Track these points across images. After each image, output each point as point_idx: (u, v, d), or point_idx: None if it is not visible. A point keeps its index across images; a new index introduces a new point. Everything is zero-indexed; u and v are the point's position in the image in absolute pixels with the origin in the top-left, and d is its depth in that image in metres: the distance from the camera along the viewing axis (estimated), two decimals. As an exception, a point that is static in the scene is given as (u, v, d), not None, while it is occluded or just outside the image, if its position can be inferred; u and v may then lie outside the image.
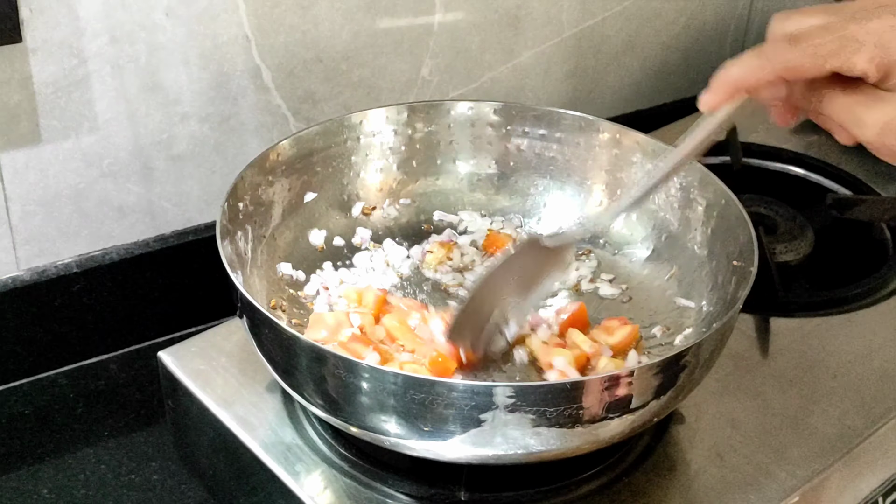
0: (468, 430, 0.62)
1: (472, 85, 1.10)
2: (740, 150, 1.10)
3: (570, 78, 1.19)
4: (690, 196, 0.83)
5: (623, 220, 0.88)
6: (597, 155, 0.88)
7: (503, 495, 0.70)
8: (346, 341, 0.74)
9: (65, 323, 0.92)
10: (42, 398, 0.91)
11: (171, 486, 0.83)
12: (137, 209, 0.94)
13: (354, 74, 1.00)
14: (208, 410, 0.76)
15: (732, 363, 0.81)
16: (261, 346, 0.69)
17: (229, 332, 0.82)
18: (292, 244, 0.84)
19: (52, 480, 0.83)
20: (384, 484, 0.70)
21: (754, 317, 0.88)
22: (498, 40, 1.09)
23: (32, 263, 0.90)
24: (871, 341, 0.86)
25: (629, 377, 0.62)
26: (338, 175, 0.88)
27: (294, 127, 0.99)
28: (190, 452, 0.82)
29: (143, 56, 0.87)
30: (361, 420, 0.65)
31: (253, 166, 0.80)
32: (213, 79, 0.92)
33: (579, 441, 0.64)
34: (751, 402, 0.78)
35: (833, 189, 1.09)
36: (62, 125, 0.86)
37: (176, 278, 0.97)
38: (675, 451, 0.74)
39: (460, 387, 0.61)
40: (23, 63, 0.82)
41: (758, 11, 1.36)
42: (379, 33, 1.00)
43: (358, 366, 0.62)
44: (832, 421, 0.77)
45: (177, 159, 0.94)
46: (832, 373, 0.82)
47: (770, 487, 0.71)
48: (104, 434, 0.87)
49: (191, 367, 0.79)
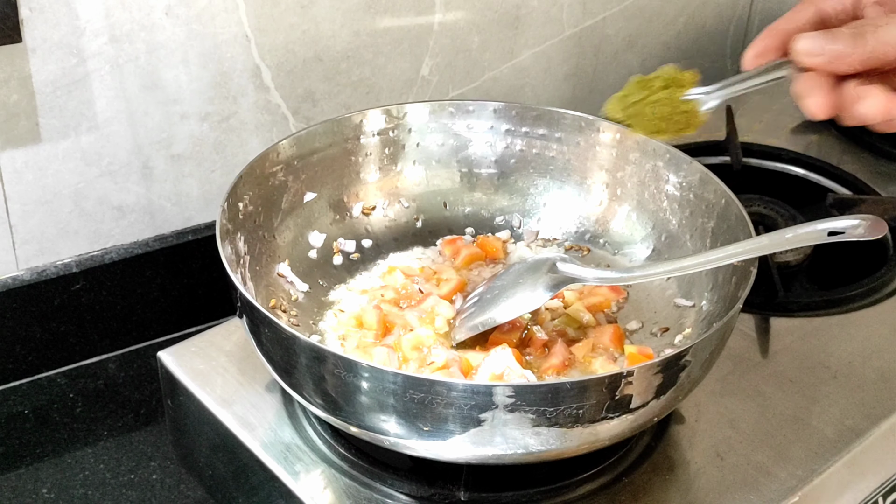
0: (468, 429, 0.62)
1: (472, 84, 1.10)
2: (740, 150, 1.10)
3: (570, 77, 1.19)
4: (690, 196, 0.83)
5: (623, 219, 0.88)
6: (596, 154, 0.88)
7: (503, 495, 0.70)
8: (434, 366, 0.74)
9: (64, 323, 0.92)
10: (41, 398, 0.91)
11: (171, 486, 0.83)
12: (137, 208, 0.94)
13: (354, 74, 1.00)
14: (208, 410, 0.75)
15: (732, 363, 0.81)
16: (260, 345, 0.69)
17: (229, 332, 0.82)
18: (292, 244, 0.84)
19: (52, 480, 0.83)
20: (384, 484, 0.70)
21: (754, 317, 0.88)
22: (498, 40, 1.09)
23: (32, 263, 0.90)
24: (871, 341, 0.86)
25: (629, 377, 0.62)
26: (338, 175, 0.87)
27: (294, 126, 0.99)
28: (189, 452, 0.82)
29: (142, 55, 0.87)
30: (361, 420, 0.65)
31: (253, 166, 0.80)
32: (213, 78, 0.92)
33: (579, 441, 0.64)
34: (751, 402, 0.78)
35: (833, 189, 1.09)
36: (62, 124, 0.86)
37: (175, 278, 0.97)
38: (675, 450, 0.74)
39: (460, 386, 0.61)
40: (22, 62, 0.82)
41: (758, 11, 1.36)
42: (379, 32, 1.00)
43: (357, 365, 0.62)
44: (832, 421, 0.77)
45: (176, 159, 0.94)
46: (832, 373, 0.82)
47: (770, 487, 0.71)
48: (103, 434, 0.87)
49: (190, 366, 0.79)
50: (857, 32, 0.63)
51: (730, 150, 1.09)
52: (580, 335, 0.78)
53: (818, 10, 0.68)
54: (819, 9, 0.68)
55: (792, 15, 0.68)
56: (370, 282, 0.85)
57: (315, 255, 0.85)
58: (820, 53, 0.64)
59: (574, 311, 0.80)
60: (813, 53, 0.64)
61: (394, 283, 0.82)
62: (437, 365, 0.72)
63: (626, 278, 0.76)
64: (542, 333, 0.76)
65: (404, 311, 0.79)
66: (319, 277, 0.84)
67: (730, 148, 1.09)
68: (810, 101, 0.65)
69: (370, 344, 0.76)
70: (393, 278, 0.83)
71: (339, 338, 0.78)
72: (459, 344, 0.75)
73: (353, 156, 0.88)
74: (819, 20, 0.68)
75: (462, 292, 0.81)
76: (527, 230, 0.90)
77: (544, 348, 0.76)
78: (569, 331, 0.78)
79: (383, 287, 0.82)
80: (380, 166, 0.89)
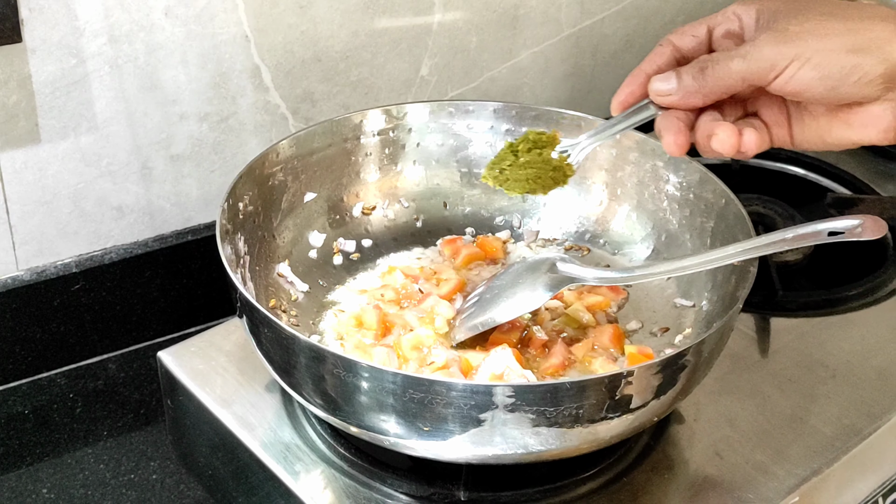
0: (468, 429, 0.62)
1: (471, 84, 1.10)
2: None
3: (568, 77, 1.19)
4: (690, 196, 0.83)
5: (623, 219, 0.88)
6: (596, 154, 0.88)
7: (503, 495, 0.70)
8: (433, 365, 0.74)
9: (64, 323, 0.92)
10: (41, 398, 0.91)
11: (170, 486, 0.83)
12: (136, 209, 0.94)
13: (353, 74, 1.00)
14: (207, 410, 0.76)
15: (732, 363, 0.81)
16: (260, 345, 0.69)
17: (228, 332, 0.82)
18: (292, 244, 0.84)
19: (52, 480, 0.83)
20: (383, 483, 0.70)
21: (754, 316, 0.88)
22: (496, 40, 1.09)
23: (31, 263, 0.90)
24: (870, 341, 0.86)
25: (629, 377, 0.62)
26: (337, 175, 0.88)
27: (293, 126, 0.99)
28: (189, 452, 0.82)
29: (141, 56, 0.87)
30: (361, 419, 0.65)
31: (252, 166, 0.80)
32: (212, 78, 0.92)
33: (579, 441, 0.64)
34: (750, 402, 0.78)
35: (832, 189, 1.09)
36: (61, 125, 0.86)
37: (175, 278, 0.97)
38: (675, 450, 0.74)
39: (460, 386, 0.61)
40: (22, 63, 0.82)
41: (757, 11, 1.36)
42: (378, 33, 1.00)
43: (357, 365, 0.62)
44: (831, 420, 0.77)
45: (176, 159, 0.94)
46: (831, 372, 0.82)
47: (769, 487, 0.71)
48: (103, 434, 0.87)
49: (190, 366, 0.79)
50: (700, 68, 0.65)
51: (729, 150, 1.09)
52: (580, 335, 0.78)
53: (676, 49, 0.70)
54: (676, 48, 0.70)
55: (652, 57, 0.70)
56: (370, 282, 0.85)
57: (315, 255, 0.85)
58: (670, 93, 0.66)
59: (574, 311, 0.80)
60: (663, 93, 0.67)
61: (393, 283, 0.82)
62: (437, 365, 0.72)
63: (625, 278, 0.76)
64: (541, 333, 0.77)
65: (404, 311, 0.79)
66: (319, 277, 0.84)
67: (729, 148, 1.09)
68: (667, 140, 0.67)
69: (370, 344, 0.76)
70: (393, 278, 0.83)
71: (339, 338, 0.78)
72: (459, 344, 0.75)
73: (353, 156, 0.88)
74: (677, 59, 0.70)
75: (462, 292, 0.81)
76: (527, 230, 0.90)
77: (544, 348, 0.76)
78: (568, 331, 0.79)
79: (383, 287, 0.83)
80: (380, 166, 0.89)
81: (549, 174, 0.72)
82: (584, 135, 0.73)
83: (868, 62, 0.61)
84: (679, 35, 0.70)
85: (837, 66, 0.61)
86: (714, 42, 0.69)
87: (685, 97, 0.66)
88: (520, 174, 0.73)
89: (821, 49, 0.61)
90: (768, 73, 0.63)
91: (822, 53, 0.61)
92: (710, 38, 0.69)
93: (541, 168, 0.72)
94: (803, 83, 0.62)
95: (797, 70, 0.62)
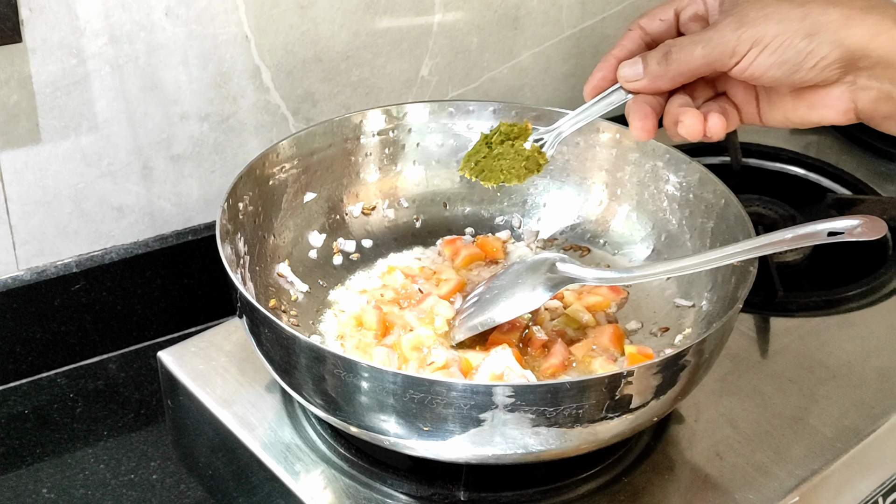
0: (468, 429, 0.62)
1: (472, 85, 1.10)
2: (740, 150, 1.10)
3: (569, 78, 1.19)
4: (690, 196, 0.83)
5: (623, 219, 0.88)
6: (596, 154, 0.88)
7: (503, 495, 0.70)
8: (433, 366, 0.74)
9: (64, 323, 0.92)
10: (41, 398, 0.91)
11: (171, 486, 0.83)
12: (137, 209, 0.94)
13: (354, 74, 1.00)
14: (208, 410, 0.76)
15: (732, 363, 0.81)
16: (260, 345, 0.69)
17: (228, 332, 0.82)
18: (292, 244, 0.84)
19: (52, 480, 0.83)
20: (383, 484, 0.70)
21: (754, 316, 0.88)
22: (497, 40, 1.09)
23: (32, 263, 0.90)
24: (870, 341, 0.86)
25: (629, 377, 0.62)
26: (337, 175, 0.88)
27: (293, 127, 0.99)
28: (189, 452, 0.82)
29: (142, 56, 0.87)
30: (361, 419, 0.65)
31: (252, 166, 0.80)
32: (213, 79, 0.92)
33: (579, 441, 0.64)
34: (750, 402, 0.78)
35: (832, 189, 1.09)
36: (61, 125, 0.86)
37: (175, 278, 0.97)
38: (675, 450, 0.74)
39: (460, 386, 0.61)
40: (22, 63, 0.82)
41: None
42: (378, 33, 1.00)
43: (357, 365, 0.62)
44: (831, 421, 0.77)
45: (176, 159, 0.94)
46: (831, 372, 0.82)
47: (769, 487, 0.71)
48: (103, 434, 0.87)
49: (190, 366, 0.79)
50: (664, 53, 0.66)
51: (729, 150, 1.10)
52: (580, 335, 0.78)
53: (644, 34, 0.70)
54: (645, 32, 0.70)
55: (623, 42, 0.70)
56: (370, 282, 0.85)
57: (315, 255, 0.85)
58: (636, 78, 0.67)
59: (573, 311, 0.80)
60: (631, 79, 0.68)
61: (393, 283, 0.83)
62: (437, 365, 0.72)
63: (625, 278, 0.76)
64: (541, 333, 0.77)
65: (404, 311, 0.79)
66: (319, 277, 0.84)
67: (729, 148, 1.10)
68: (634, 124, 0.67)
69: (370, 344, 0.76)
70: (392, 278, 0.83)
71: (339, 338, 0.78)
72: (459, 344, 0.75)
73: (353, 156, 0.88)
74: (647, 43, 0.70)
75: (461, 292, 0.81)
76: (527, 230, 0.90)
77: (544, 348, 0.76)
78: (568, 331, 0.79)
79: (383, 287, 0.83)
80: (379, 166, 0.89)
81: (522, 164, 0.74)
82: (558, 122, 0.74)
83: (823, 47, 0.61)
84: (648, 19, 0.70)
85: (794, 51, 0.62)
86: (681, 25, 0.69)
87: (652, 82, 0.66)
88: (493, 165, 0.74)
89: (779, 34, 0.61)
90: (729, 58, 0.63)
91: (780, 38, 0.61)
92: (677, 21, 0.70)
93: (514, 158, 0.74)
94: (762, 68, 0.62)
95: (756, 56, 0.62)
